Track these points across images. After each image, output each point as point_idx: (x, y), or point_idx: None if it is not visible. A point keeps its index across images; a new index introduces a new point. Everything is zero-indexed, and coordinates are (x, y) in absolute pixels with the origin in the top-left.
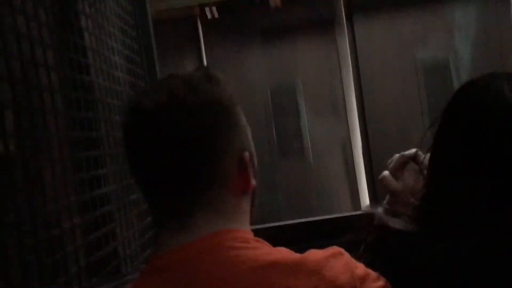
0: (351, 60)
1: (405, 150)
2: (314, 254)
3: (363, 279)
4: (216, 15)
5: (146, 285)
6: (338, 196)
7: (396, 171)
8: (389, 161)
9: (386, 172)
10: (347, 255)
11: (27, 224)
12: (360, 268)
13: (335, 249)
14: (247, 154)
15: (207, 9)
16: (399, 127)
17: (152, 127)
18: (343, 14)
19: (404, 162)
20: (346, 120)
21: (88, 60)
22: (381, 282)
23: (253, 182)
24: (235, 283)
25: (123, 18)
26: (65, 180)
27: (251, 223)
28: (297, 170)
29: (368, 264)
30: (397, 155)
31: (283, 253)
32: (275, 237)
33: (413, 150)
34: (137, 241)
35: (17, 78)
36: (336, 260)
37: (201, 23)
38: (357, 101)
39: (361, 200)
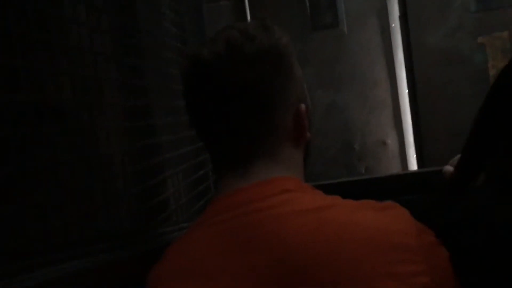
0: None
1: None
2: (371, 201)
3: (421, 230)
4: None
5: (204, 226)
6: (372, 68)
7: None
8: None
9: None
10: (405, 209)
11: None
12: (418, 222)
13: (391, 202)
14: (303, 106)
15: None
16: None
17: (211, 78)
18: None
19: None
20: None
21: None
22: (436, 239)
23: (308, 134)
24: (290, 221)
25: None
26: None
27: (305, 175)
28: (331, 42)
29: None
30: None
31: (339, 198)
32: (332, 194)
33: None
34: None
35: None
36: (394, 209)
37: None
38: None
39: (397, 68)
